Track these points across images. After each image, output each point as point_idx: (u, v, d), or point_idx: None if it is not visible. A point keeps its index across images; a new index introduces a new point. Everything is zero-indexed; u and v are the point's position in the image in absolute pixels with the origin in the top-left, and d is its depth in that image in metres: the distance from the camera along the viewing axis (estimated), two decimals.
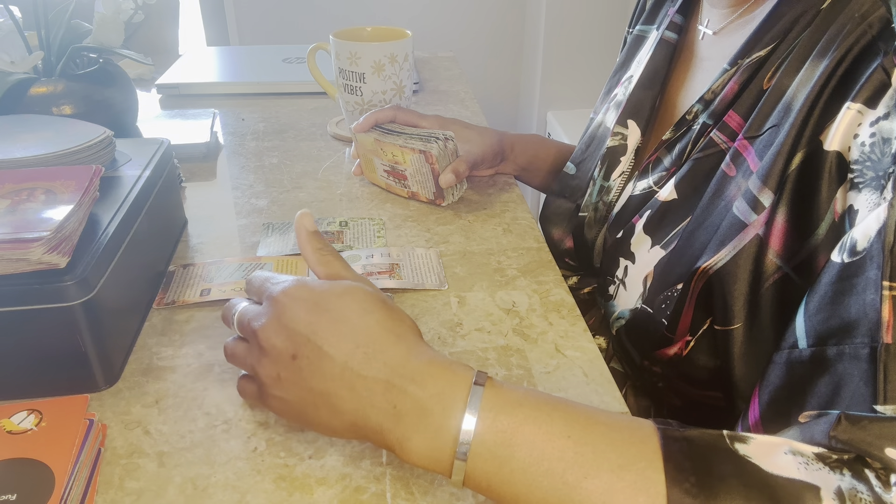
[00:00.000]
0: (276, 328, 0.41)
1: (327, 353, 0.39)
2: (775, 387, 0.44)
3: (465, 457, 0.36)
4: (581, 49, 2.03)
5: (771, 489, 0.33)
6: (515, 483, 0.36)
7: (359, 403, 0.39)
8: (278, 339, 0.40)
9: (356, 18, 2.03)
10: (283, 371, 0.40)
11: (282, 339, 0.40)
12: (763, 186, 0.48)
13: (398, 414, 0.38)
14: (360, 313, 0.40)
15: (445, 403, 0.37)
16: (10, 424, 0.43)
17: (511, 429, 0.36)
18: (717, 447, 0.35)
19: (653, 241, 0.58)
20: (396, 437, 0.38)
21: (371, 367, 0.39)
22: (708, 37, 0.64)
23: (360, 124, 0.75)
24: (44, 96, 0.74)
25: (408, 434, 0.37)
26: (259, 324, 0.41)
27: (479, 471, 0.37)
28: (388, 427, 0.38)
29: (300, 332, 0.40)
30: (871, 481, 0.33)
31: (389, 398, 0.38)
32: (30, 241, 0.43)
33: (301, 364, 0.40)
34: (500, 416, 0.37)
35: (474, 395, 0.37)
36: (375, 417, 0.38)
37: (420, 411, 0.37)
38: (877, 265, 0.38)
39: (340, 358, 0.39)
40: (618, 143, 0.68)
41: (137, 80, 1.17)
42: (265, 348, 0.41)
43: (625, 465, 0.35)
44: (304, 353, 0.40)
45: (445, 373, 0.39)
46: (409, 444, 0.38)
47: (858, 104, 0.42)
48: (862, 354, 0.37)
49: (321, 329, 0.40)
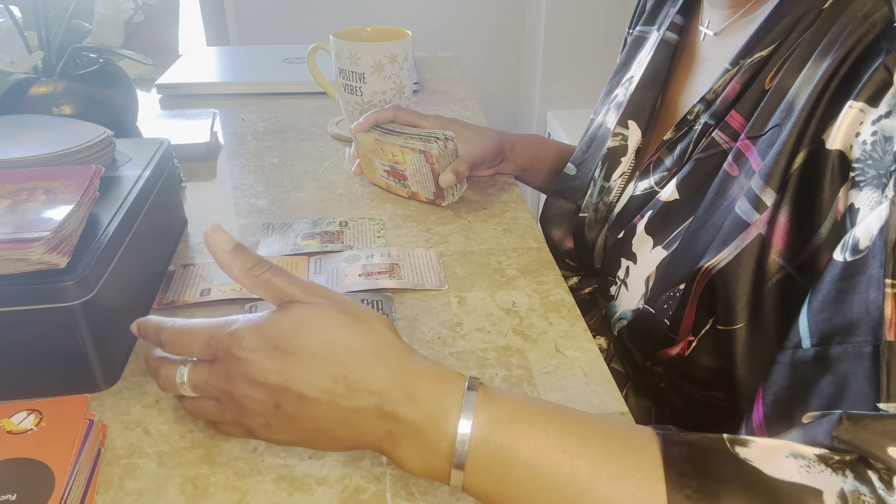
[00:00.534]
0: (249, 386, 0.38)
1: (309, 397, 0.38)
2: (779, 387, 0.43)
3: (462, 472, 0.37)
4: (581, 49, 2.03)
5: (773, 493, 0.32)
6: (513, 498, 0.36)
7: (355, 432, 0.39)
8: (255, 393, 0.38)
9: (356, 18, 2.03)
10: (271, 420, 0.39)
11: (259, 394, 0.38)
12: (765, 186, 0.48)
13: (393, 437, 0.38)
14: (324, 346, 0.38)
15: (438, 425, 0.37)
16: (10, 424, 0.43)
17: (505, 447, 0.36)
18: (717, 451, 0.35)
19: (655, 241, 0.58)
20: (395, 456, 0.39)
21: (357, 398, 0.38)
22: (709, 38, 0.64)
23: (360, 124, 0.75)
24: (44, 96, 0.74)
25: (405, 455, 0.38)
26: (228, 387, 0.39)
27: (476, 487, 0.37)
28: (386, 448, 0.39)
29: (274, 383, 0.38)
30: (874, 483, 0.32)
31: (383, 424, 0.38)
32: (30, 241, 0.43)
33: (287, 411, 0.38)
34: (494, 436, 0.36)
35: (466, 409, 0.36)
36: (374, 442, 0.39)
37: (414, 434, 0.37)
38: (879, 263, 0.38)
39: (324, 398, 0.38)
40: (618, 144, 0.68)
41: (137, 80, 1.17)
42: (244, 405, 0.39)
43: (623, 478, 0.34)
44: (286, 401, 0.38)
45: (435, 389, 0.38)
46: (407, 463, 0.38)
47: (860, 103, 0.42)
48: (865, 353, 0.37)
49: (293, 375, 0.38)
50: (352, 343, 0.38)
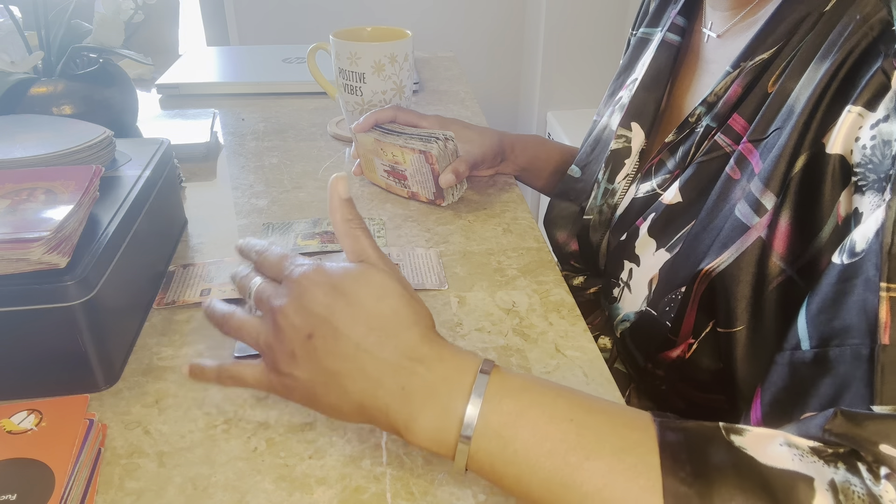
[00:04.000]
0: (295, 308, 0.41)
1: (342, 334, 0.40)
2: (778, 388, 0.44)
3: (469, 440, 0.37)
4: (581, 49, 2.03)
5: (765, 479, 0.33)
6: (518, 463, 0.37)
7: (367, 383, 0.39)
8: (297, 318, 0.41)
9: (356, 18, 2.03)
10: (298, 349, 0.41)
11: (300, 319, 0.41)
12: (765, 189, 0.48)
13: (406, 394, 0.39)
14: (375, 299, 0.41)
15: (452, 386, 0.38)
16: (10, 424, 0.43)
17: (515, 411, 0.37)
18: (713, 438, 0.35)
19: (658, 244, 0.58)
20: (403, 417, 0.39)
21: (383, 349, 0.40)
22: (712, 40, 0.64)
23: (361, 124, 0.75)
24: (44, 96, 0.74)
25: (414, 414, 0.38)
26: (279, 303, 0.42)
27: (483, 451, 0.37)
28: (395, 408, 0.39)
29: (318, 313, 0.41)
30: (863, 474, 0.33)
31: (398, 379, 0.39)
32: (30, 241, 0.43)
33: (316, 343, 0.40)
34: (505, 399, 0.38)
35: (480, 380, 0.38)
36: (383, 397, 0.39)
37: (427, 392, 0.38)
38: (874, 266, 0.38)
39: (354, 339, 0.40)
40: (622, 146, 0.68)
41: (137, 80, 1.17)
42: (282, 326, 0.42)
43: (626, 449, 0.35)
44: (320, 332, 0.40)
45: (454, 358, 0.40)
46: (414, 425, 0.38)
47: (859, 107, 0.42)
48: (863, 355, 0.38)
49: (338, 311, 0.41)
50: (398, 308, 0.41)
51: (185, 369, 0.46)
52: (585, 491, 0.35)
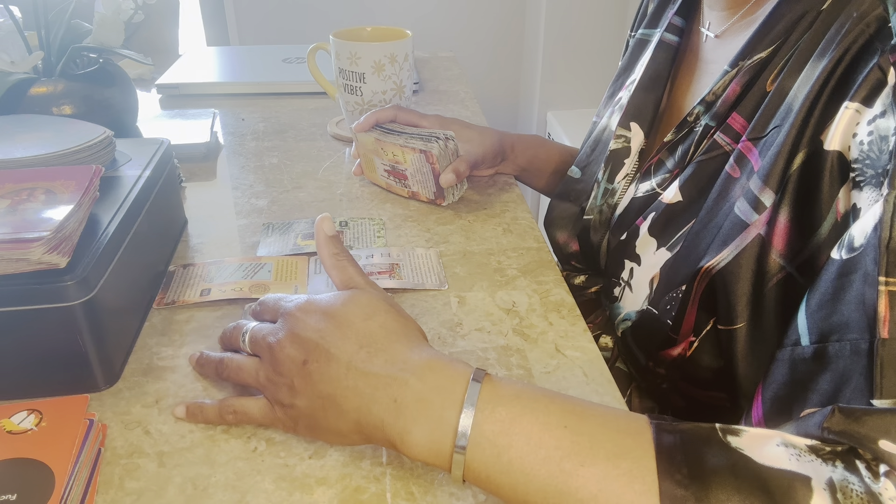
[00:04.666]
0: (290, 339, 0.43)
1: (333, 355, 0.41)
2: (778, 384, 0.44)
3: (465, 450, 0.37)
4: (581, 49, 2.03)
5: (762, 480, 0.33)
6: (514, 472, 0.36)
7: (361, 401, 0.40)
8: (292, 348, 0.43)
9: (356, 18, 2.03)
10: (296, 378, 0.42)
11: (295, 348, 0.42)
12: (764, 186, 0.48)
13: (398, 406, 0.39)
14: (363, 318, 0.43)
15: (444, 396, 0.39)
16: (10, 424, 0.43)
17: (509, 419, 0.37)
18: (709, 440, 0.35)
19: (658, 243, 0.58)
20: (397, 430, 0.39)
21: (373, 364, 0.40)
22: (711, 39, 0.64)
23: (361, 124, 0.75)
24: (44, 96, 0.74)
25: (408, 427, 0.38)
26: (275, 338, 0.44)
27: (478, 461, 0.37)
28: (389, 421, 0.39)
29: (310, 338, 0.42)
30: (862, 472, 0.33)
31: (390, 392, 0.39)
32: (30, 241, 0.43)
33: (311, 368, 0.41)
34: (498, 408, 0.38)
35: (472, 389, 0.38)
36: (378, 413, 0.39)
37: (420, 403, 0.38)
38: (872, 260, 0.38)
39: (345, 359, 0.41)
40: (621, 146, 0.68)
41: (137, 80, 1.17)
42: (280, 359, 0.43)
43: (620, 454, 0.35)
44: (314, 357, 0.42)
45: (446, 368, 0.40)
46: (409, 437, 0.38)
47: (856, 103, 0.42)
48: (862, 350, 0.38)
49: (328, 334, 0.42)
50: (386, 323, 0.43)
51: (181, 411, 0.47)
52: (581, 497, 0.35)
